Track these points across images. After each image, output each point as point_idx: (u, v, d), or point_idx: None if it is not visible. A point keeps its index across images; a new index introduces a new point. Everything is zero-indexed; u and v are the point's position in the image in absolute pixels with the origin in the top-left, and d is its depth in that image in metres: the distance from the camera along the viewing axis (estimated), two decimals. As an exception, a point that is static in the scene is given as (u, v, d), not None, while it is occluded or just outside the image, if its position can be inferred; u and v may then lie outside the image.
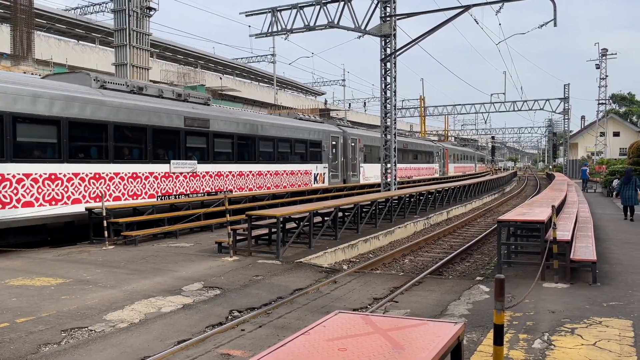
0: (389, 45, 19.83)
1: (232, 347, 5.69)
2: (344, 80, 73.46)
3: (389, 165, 20.71)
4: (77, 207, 12.40)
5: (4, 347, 5.52)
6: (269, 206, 17.10)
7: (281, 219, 11.04)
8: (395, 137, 20.66)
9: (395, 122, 20.51)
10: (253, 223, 11.18)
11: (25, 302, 7.15)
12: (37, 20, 35.36)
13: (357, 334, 3.19)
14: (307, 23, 20.39)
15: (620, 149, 58.25)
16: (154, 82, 33.39)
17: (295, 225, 12.22)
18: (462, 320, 3.55)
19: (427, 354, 2.83)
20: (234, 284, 8.45)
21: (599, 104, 55.91)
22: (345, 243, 12.57)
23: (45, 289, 7.92)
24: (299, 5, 20.45)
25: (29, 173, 11.47)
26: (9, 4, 30.33)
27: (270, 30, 21.33)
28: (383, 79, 20.21)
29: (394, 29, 19.69)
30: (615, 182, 25.14)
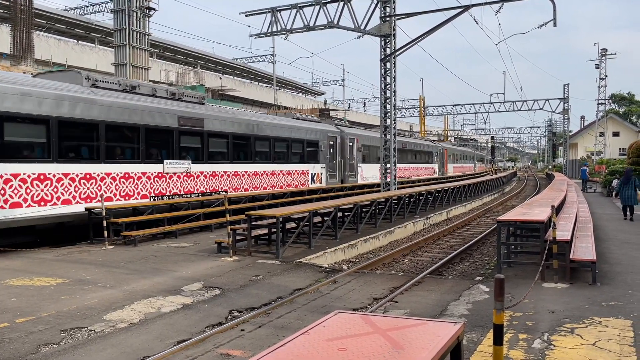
0: (388, 45, 19.84)
1: (231, 347, 5.70)
2: (343, 80, 73.61)
3: (388, 165, 20.72)
4: (67, 208, 12.15)
5: (3, 347, 5.52)
6: (269, 206, 17.11)
7: (281, 219, 11.04)
8: (395, 137, 20.67)
9: (395, 122, 20.52)
10: (253, 223, 11.18)
11: (24, 302, 7.15)
12: (36, 20, 35.37)
13: (357, 333, 3.19)
14: (306, 23, 20.39)
15: (620, 148, 58.28)
16: (154, 82, 33.37)
17: (295, 225, 12.22)
18: (461, 320, 3.55)
19: (427, 354, 2.83)
20: (233, 284, 8.45)
21: (599, 103, 55.97)
22: (345, 243, 12.57)
23: (45, 289, 7.92)
24: (299, 5, 20.45)
25: (17, 173, 11.23)
26: (8, 4, 30.33)
27: (270, 30, 21.34)
28: (383, 79, 20.22)
29: (394, 29, 19.70)
30: (615, 182, 25.15)
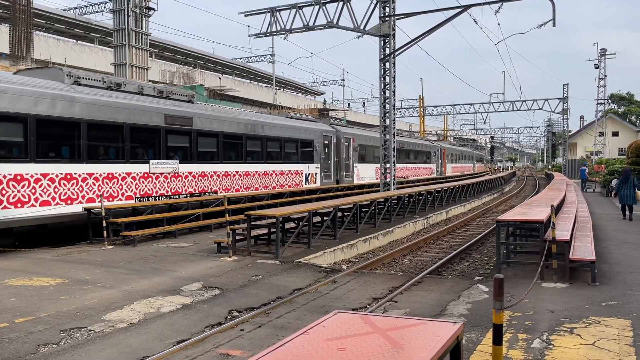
0: (388, 45, 19.84)
1: (231, 347, 5.69)
2: (343, 80, 73.66)
3: (388, 165, 20.72)
4: (46, 210, 11.76)
5: (3, 347, 5.52)
6: (268, 206, 17.11)
7: (280, 219, 11.04)
8: (395, 137, 20.68)
9: (394, 122, 20.52)
10: (252, 223, 11.18)
11: (24, 302, 7.15)
12: (36, 20, 35.36)
13: (357, 333, 3.19)
14: (306, 23, 20.40)
15: (619, 148, 58.34)
16: (153, 82, 33.36)
17: (294, 225, 12.22)
18: (461, 320, 3.55)
19: (427, 354, 2.83)
20: (233, 284, 8.45)
21: (598, 103, 56.03)
22: (344, 243, 12.57)
23: (44, 289, 7.92)
24: (298, 5, 20.46)
25: None
26: (7, 3, 30.32)
27: (269, 30, 21.34)
28: (382, 78, 20.22)
29: (393, 29, 19.71)
30: (614, 182, 25.16)
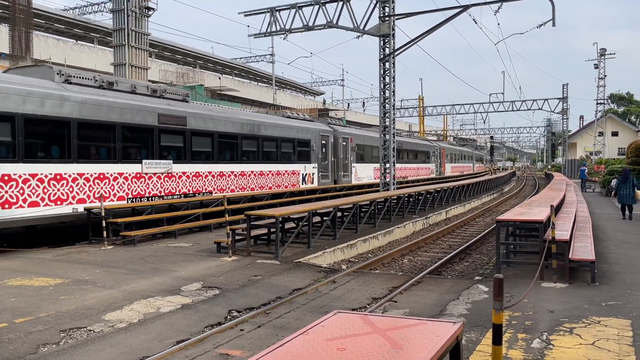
0: (387, 45, 19.85)
1: (231, 347, 5.69)
2: (342, 80, 73.63)
3: (388, 165, 20.72)
4: (35, 211, 11.51)
5: (2, 347, 5.52)
6: (268, 206, 17.11)
7: (280, 219, 11.04)
8: (394, 137, 20.68)
9: (394, 122, 20.52)
10: (252, 223, 11.18)
11: (23, 303, 7.15)
12: (35, 20, 35.36)
13: (356, 333, 3.19)
14: (306, 23, 20.40)
15: (619, 148, 58.37)
16: (153, 81, 33.35)
17: (294, 225, 12.22)
18: (460, 320, 3.55)
19: (426, 354, 2.83)
20: (232, 284, 8.45)
21: (598, 103, 56.03)
22: (344, 243, 12.57)
23: (44, 289, 7.92)
24: (298, 5, 20.46)
25: None
26: (7, 3, 30.30)
27: (269, 30, 21.34)
28: (382, 78, 20.22)
29: (393, 29, 19.71)
30: (614, 182, 25.17)
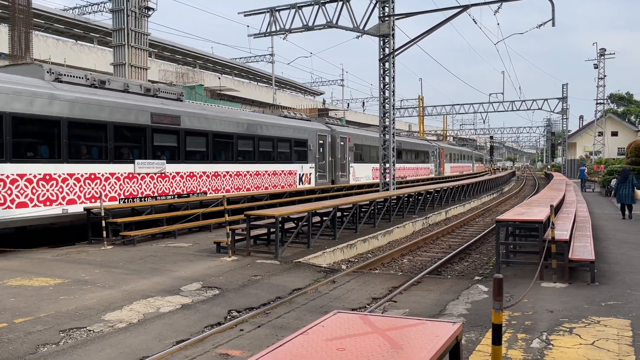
0: (387, 45, 19.85)
1: (230, 347, 5.69)
2: (342, 80, 73.62)
3: (387, 165, 20.73)
4: (24, 212, 11.28)
5: (2, 347, 5.52)
6: (268, 206, 17.11)
7: (280, 219, 11.04)
8: (394, 137, 20.68)
9: (393, 122, 20.52)
10: (252, 223, 11.17)
11: (23, 303, 7.15)
12: (35, 20, 35.35)
13: (356, 333, 3.19)
14: (305, 23, 20.40)
15: (619, 148, 58.41)
16: (153, 81, 33.33)
17: (293, 225, 12.22)
18: (460, 320, 3.55)
19: (426, 354, 2.83)
20: (232, 284, 8.45)
21: (597, 103, 56.07)
22: (344, 243, 12.57)
23: (44, 289, 7.91)
24: (298, 5, 20.46)
25: None
26: (7, 3, 30.29)
27: (268, 30, 21.34)
28: (382, 78, 20.23)
29: (393, 29, 19.71)
30: (614, 182, 25.19)
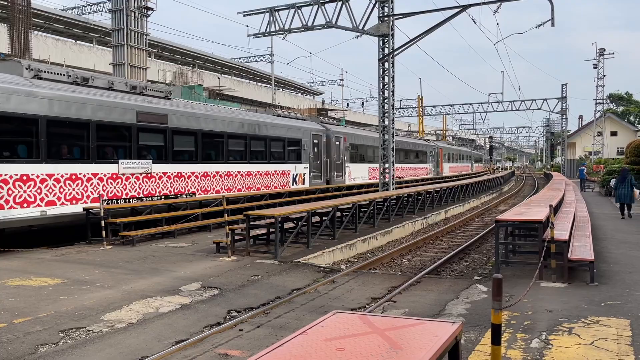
0: (386, 45, 19.85)
1: (230, 347, 5.69)
2: (342, 80, 73.64)
3: (387, 165, 20.72)
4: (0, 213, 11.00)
5: (1, 347, 5.51)
6: (267, 206, 17.12)
7: (279, 219, 11.04)
8: (394, 137, 20.67)
9: (393, 122, 20.53)
10: (251, 223, 11.17)
11: (22, 303, 7.14)
12: (34, 20, 35.30)
13: (355, 333, 3.19)
14: (305, 23, 20.40)
15: (618, 148, 58.40)
16: (152, 81, 33.32)
17: (293, 225, 12.22)
18: (460, 320, 3.56)
19: (425, 354, 2.83)
20: (232, 283, 8.44)
21: (597, 103, 56.07)
22: (343, 243, 12.57)
23: (43, 289, 7.91)
24: (297, 5, 20.46)
25: None
26: (6, 3, 30.25)
27: (268, 30, 21.34)
28: (381, 78, 20.23)
29: (392, 29, 19.72)
30: (613, 182, 25.19)
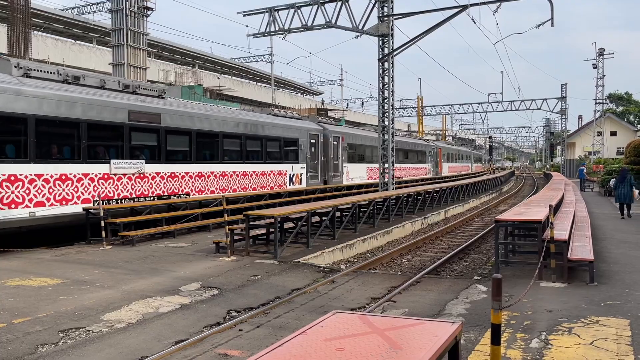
0: (386, 45, 19.84)
1: (230, 347, 5.69)
2: (341, 80, 73.59)
3: (386, 165, 20.72)
4: None
5: (1, 347, 5.51)
6: (267, 206, 17.12)
7: (279, 219, 11.04)
8: (393, 137, 20.67)
9: (393, 122, 20.52)
10: (251, 223, 11.17)
11: (22, 303, 7.14)
12: (34, 20, 35.29)
13: (355, 333, 3.19)
14: (304, 23, 20.39)
15: (618, 148, 58.40)
16: (152, 81, 33.30)
17: (293, 225, 12.22)
18: (459, 320, 3.56)
19: (425, 354, 2.83)
20: (231, 283, 8.44)
21: (596, 103, 56.08)
22: (343, 243, 12.57)
23: (43, 289, 7.91)
24: (297, 5, 20.45)
25: None
26: (6, 3, 30.25)
27: (267, 30, 21.33)
28: (381, 78, 20.22)
29: (392, 29, 19.71)
30: (613, 182, 25.20)
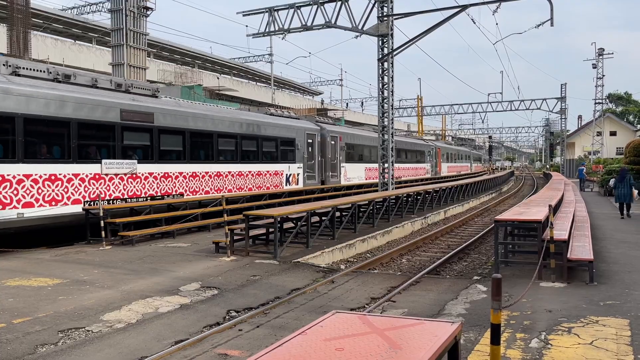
0: (386, 45, 19.84)
1: (229, 347, 5.69)
2: (341, 80, 73.60)
3: (386, 165, 20.72)
4: None
5: (1, 347, 5.51)
6: (266, 206, 17.12)
7: (279, 219, 11.04)
8: (393, 137, 20.67)
9: (392, 122, 20.52)
10: (250, 223, 11.17)
11: (22, 303, 7.14)
12: (33, 20, 35.29)
13: (355, 333, 3.19)
14: (304, 23, 20.39)
15: (617, 148, 58.40)
16: (152, 81, 33.29)
17: (292, 225, 12.22)
18: (459, 320, 3.56)
19: (424, 354, 2.83)
20: (231, 284, 8.44)
21: (596, 103, 56.09)
22: (342, 243, 12.58)
23: (42, 289, 7.91)
24: (296, 5, 20.45)
25: None
26: (5, 3, 30.25)
27: (267, 30, 21.33)
28: (380, 78, 20.22)
29: (391, 29, 19.71)
30: (612, 182, 25.21)
